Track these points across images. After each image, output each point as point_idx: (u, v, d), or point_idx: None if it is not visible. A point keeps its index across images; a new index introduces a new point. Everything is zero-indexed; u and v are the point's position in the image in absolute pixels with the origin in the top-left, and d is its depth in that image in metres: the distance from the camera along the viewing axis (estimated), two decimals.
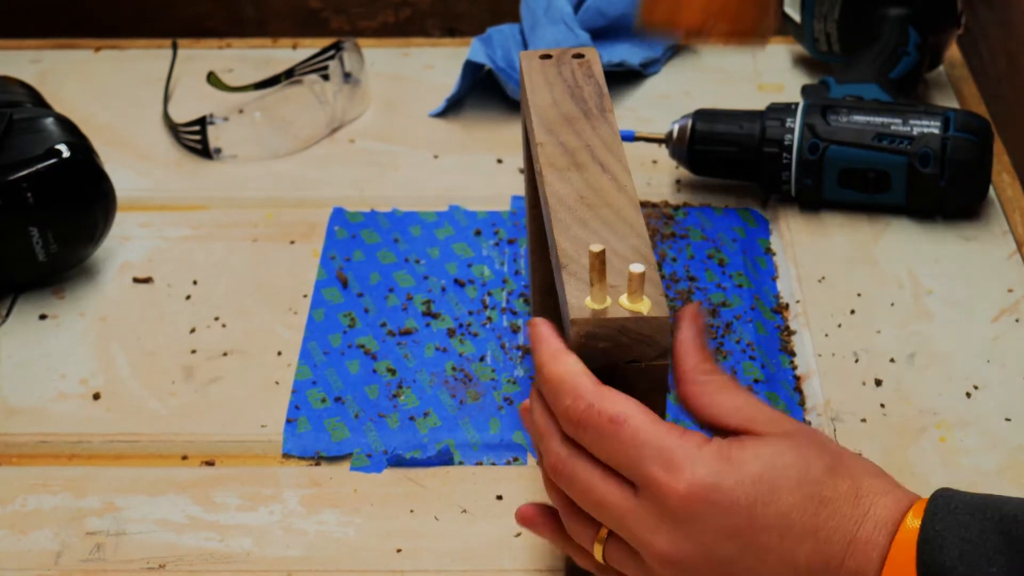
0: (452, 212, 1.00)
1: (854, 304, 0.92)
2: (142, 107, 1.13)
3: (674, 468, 0.60)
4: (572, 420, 0.63)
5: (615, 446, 0.62)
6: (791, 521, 0.60)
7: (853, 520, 0.60)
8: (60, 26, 1.32)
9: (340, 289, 0.94)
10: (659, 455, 0.61)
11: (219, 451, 0.83)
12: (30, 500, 0.80)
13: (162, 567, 0.75)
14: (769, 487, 0.60)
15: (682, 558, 0.61)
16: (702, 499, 0.60)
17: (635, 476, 0.61)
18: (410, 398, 0.85)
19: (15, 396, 0.86)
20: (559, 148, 0.72)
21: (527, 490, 0.79)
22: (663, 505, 0.60)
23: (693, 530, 0.60)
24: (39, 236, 0.90)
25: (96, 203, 0.92)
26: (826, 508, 0.60)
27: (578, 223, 0.67)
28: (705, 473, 0.60)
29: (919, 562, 0.58)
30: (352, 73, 1.09)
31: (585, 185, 0.69)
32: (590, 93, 0.76)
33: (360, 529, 0.78)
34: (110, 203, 0.93)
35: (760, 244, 0.97)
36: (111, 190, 0.93)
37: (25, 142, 0.90)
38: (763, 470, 0.60)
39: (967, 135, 0.96)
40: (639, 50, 1.14)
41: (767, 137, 0.99)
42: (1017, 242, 0.97)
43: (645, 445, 0.61)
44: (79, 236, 0.93)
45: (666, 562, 0.61)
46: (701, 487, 0.60)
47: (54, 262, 0.92)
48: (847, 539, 0.60)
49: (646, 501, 0.61)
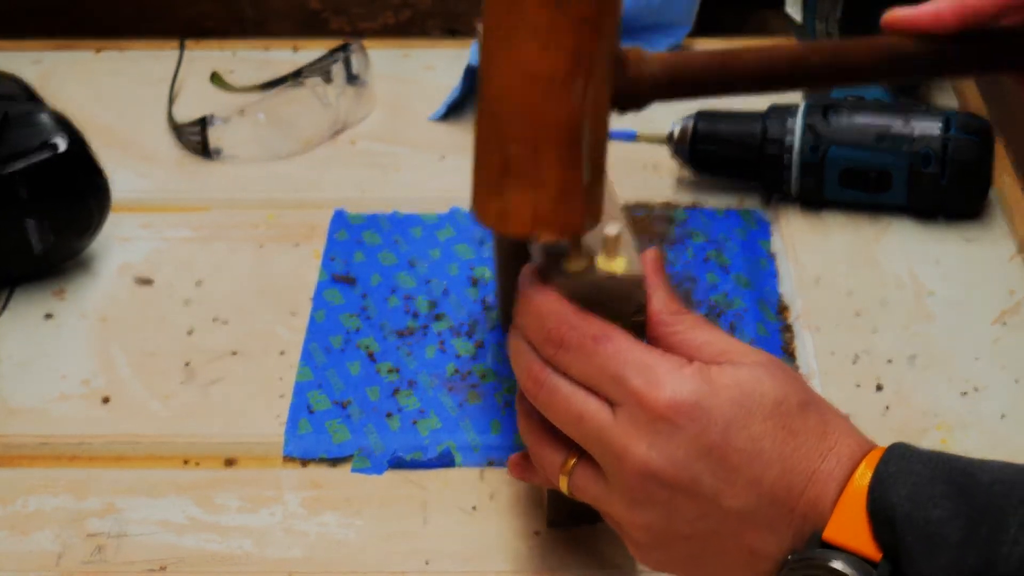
0: (453, 214, 1.00)
1: (855, 305, 0.92)
2: (143, 108, 1.13)
3: (656, 383, 0.62)
4: (553, 340, 0.64)
5: (597, 362, 0.63)
6: (762, 447, 0.62)
7: (818, 453, 0.62)
8: (61, 27, 1.32)
9: (341, 291, 0.93)
10: (641, 370, 0.62)
11: (220, 453, 0.82)
12: (31, 501, 0.80)
13: (163, 569, 0.75)
14: (745, 411, 0.62)
15: (654, 471, 0.62)
16: (682, 414, 0.62)
17: (616, 390, 0.63)
18: (411, 400, 0.85)
19: (16, 397, 0.86)
20: None
21: (528, 491, 0.79)
22: (643, 417, 0.62)
23: (669, 444, 0.62)
24: (35, 228, 0.91)
25: (91, 195, 0.93)
26: (795, 439, 0.62)
27: None
28: (686, 391, 0.62)
29: (869, 498, 0.60)
30: (359, 75, 1.09)
31: None
32: None
33: (361, 531, 0.78)
34: (105, 196, 0.94)
35: (761, 245, 0.97)
36: (106, 183, 0.94)
37: (20, 136, 0.91)
38: (741, 395, 0.62)
39: (968, 135, 0.96)
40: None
41: (768, 137, 0.99)
42: (1018, 244, 0.97)
43: (628, 361, 0.63)
44: (75, 229, 0.93)
45: (637, 474, 0.62)
46: (682, 403, 0.62)
47: (50, 254, 0.93)
48: (810, 470, 0.62)
49: (625, 414, 0.62)
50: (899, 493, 0.60)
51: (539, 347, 0.65)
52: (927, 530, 0.59)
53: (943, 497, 0.59)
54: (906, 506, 0.60)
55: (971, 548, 0.58)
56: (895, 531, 0.60)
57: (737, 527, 0.63)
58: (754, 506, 0.62)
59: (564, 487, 0.67)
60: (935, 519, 0.59)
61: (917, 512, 0.59)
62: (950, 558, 0.58)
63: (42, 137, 0.91)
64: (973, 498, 0.59)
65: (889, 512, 0.60)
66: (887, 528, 0.60)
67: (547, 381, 0.65)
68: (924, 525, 0.59)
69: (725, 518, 0.63)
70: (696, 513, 0.63)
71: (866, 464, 0.62)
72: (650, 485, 0.63)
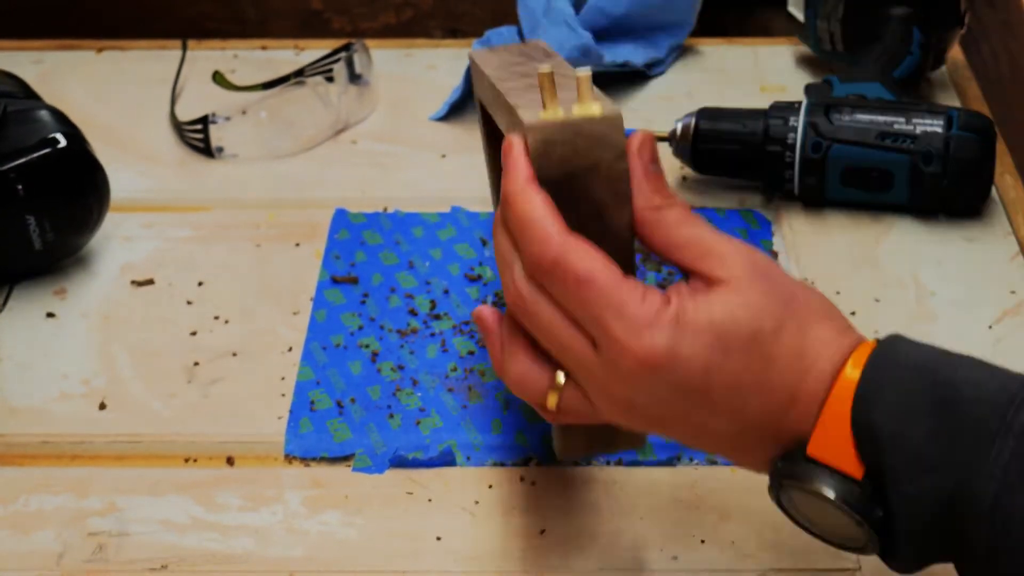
0: (454, 213, 1.00)
1: (856, 305, 0.92)
2: (144, 108, 1.13)
3: (635, 332, 0.62)
4: (538, 267, 0.64)
5: (578, 303, 0.64)
6: (741, 380, 0.63)
7: (797, 374, 0.63)
8: (62, 26, 1.32)
9: (343, 290, 0.93)
10: (620, 318, 0.63)
11: (221, 452, 0.82)
12: (32, 500, 0.80)
13: (164, 567, 0.75)
14: (722, 350, 0.63)
15: (638, 407, 0.64)
16: (658, 364, 0.62)
17: (597, 333, 0.63)
18: (412, 399, 0.85)
19: (17, 396, 0.86)
20: (511, 74, 0.75)
21: (529, 491, 0.79)
22: (623, 363, 0.63)
23: (651, 387, 0.63)
24: (36, 225, 0.91)
25: (91, 192, 0.93)
26: (773, 365, 0.63)
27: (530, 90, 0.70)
28: (662, 340, 0.62)
29: (852, 417, 0.61)
30: (362, 75, 1.09)
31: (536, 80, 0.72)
32: (534, 50, 0.80)
33: (362, 530, 0.78)
34: (104, 192, 0.94)
35: (763, 245, 0.97)
36: (105, 179, 0.94)
37: (19, 132, 0.91)
38: (716, 336, 0.63)
39: (970, 133, 0.96)
40: (643, 50, 1.14)
41: (770, 135, 0.99)
42: (1020, 244, 0.97)
43: (608, 307, 0.63)
44: (75, 225, 0.93)
45: (623, 410, 0.64)
46: (659, 353, 0.62)
47: (50, 251, 0.93)
48: (790, 393, 0.63)
49: (606, 357, 0.63)
50: (882, 411, 0.61)
51: (526, 267, 0.65)
52: (910, 450, 0.60)
53: (926, 415, 0.60)
54: (889, 425, 0.60)
55: (952, 469, 0.59)
56: (878, 450, 0.61)
57: (728, 445, 0.65)
58: (739, 431, 0.64)
59: (552, 403, 0.67)
60: (917, 438, 0.60)
61: (901, 430, 0.60)
62: (933, 479, 0.60)
63: (41, 133, 0.91)
64: (955, 415, 0.60)
65: (872, 431, 0.61)
66: (870, 447, 0.61)
67: (528, 307, 0.65)
68: (907, 445, 0.60)
69: (713, 439, 0.65)
70: (684, 435, 0.65)
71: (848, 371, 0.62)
72: (636, 416, 0.65)
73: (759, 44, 1.20)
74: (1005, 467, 0.58)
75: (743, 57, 1.18)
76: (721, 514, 0.77)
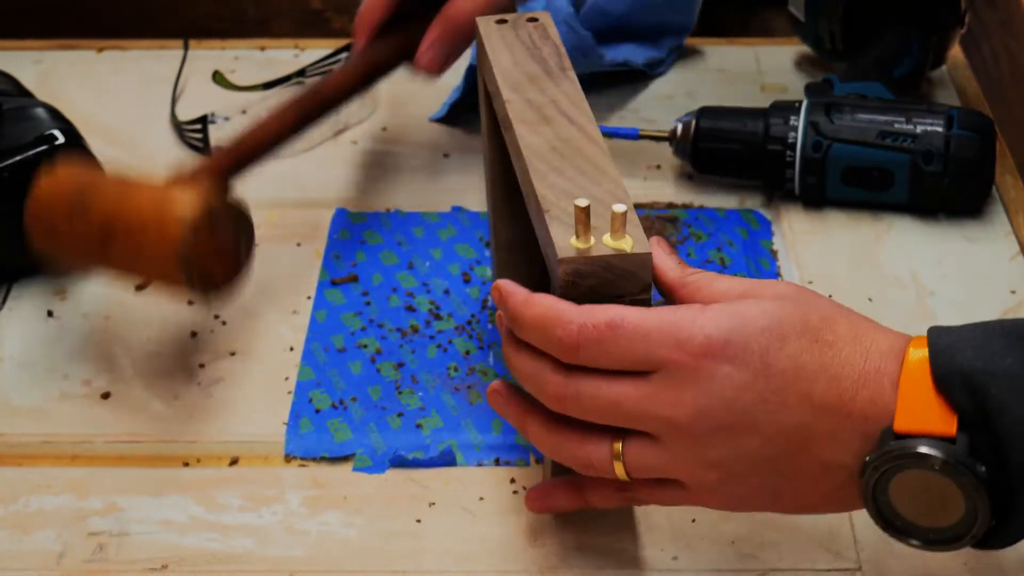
0: (455, 213, 1.00)
1: (856, 305, 0.91)
2: (145, 108, 1.12)
3: (683, 340, 0.63)
4: (568, 346, 0.64)
5: (621, 345, 0.64)
6: (802, 362, 0.63)
7: (859, 355, 0.64)
8: (62, 26, 1.32)
9: (343, 290, 0.93)
10: (666, 335, 0.63)
11: (222, 452, 0.82)
12: (32, 500, 0.80)
13: (164, 567, 0.75)
14: (777, 335, 0.63)
15: (707, 415, 0.63)
16: (717, 354, 0.63)
17: (648, 363, 0.64)
18: (413, 399, 0.85)
19: (17, 396, 0.86)
20: (526, 104, 0.75)
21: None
22: (681, 372, 0.63)
23: (712, 385, 0.63)
24: None
25: None
26: (831, 348, 0.64)
27: (554, 172, 0.70)
28: (714, 329, 0.63)
29: (934, 372, 0.61)
30: None
31: (555, 136, 0.72)
32: (549, 53, 0.79)
33: (362, 530, 0.78)
34: None
35: (763, 245, 0.97)
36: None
37: (17, 130, 0.91)
38: (769, 322, 0.63)
39: (970, 133, 0.96)
40: (643, 50, 1.14)
41: (771, 135, 0.99)
42: (1020, 244, 0.97)
43: (649, 333, 0.63)
44: None
45: (692, 426, 0.64)
46: (715, 344, 0.63)
47: None
48: (856, 372, 0.63)
49: (663, 377, 0.63)
50: (965, 356, 0.61)
51: (559, 356, 0.65)
52: (1009, 379, 0.60)
53: (1007, 350, 0.61)
54: (978, 364, 0.61)
55: None
56: (973, 390, 0.61)
57: (801, 444, 0.64)
58: (810, 420, 0.63)
59: (621, 473, 0.67)
60: (1011, 368, 0.60)
61: (991, 366, 0.61)
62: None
63: (38, 130, 0.91)
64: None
65: (962, 376, 0.61)
66: (964, 392, 0.61)
67: (570, 390, 0.65)
68: (1003, 375, 0.60)
69: (787, 439, 0.64)
70: (759, 442, 0.64)
71: (913, 348, 0.63)
72: (707, 432, 0.64)
73: (759, 44, 1.20)
74: None
75: (743, 57, 1.18)
76: (721, 514, 0.77)
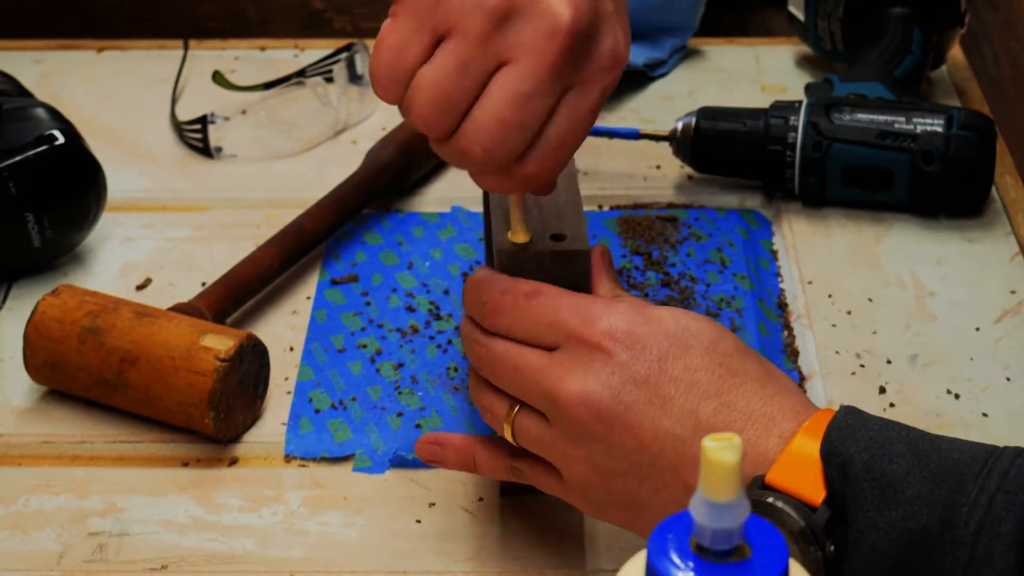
0: (455, 213, 1.00)
1: (856, 305, 0.92)
2: (145, 108, 1.13)
3: (591, 318, 0.64)
4: (490, 310, 0.67)
5: (533, 315, 0.65)
6: (698, 378, 0.63)
7: (760, 397, 0.63)
8: (62, 26, 1.32)
9: (343, 290, 0.93)
10: (576, 311, 0.64)
11: (222, 452, 0.82)
12: (32, 501, 0.80)
13: (164, 568, 0.75)
14: (681, 344, 0.63)
15: (590, 400, 0.63)
16: (617, 341, 0.63)
17: (554, 335, 0.65)
18: (413, 399, 0.85)
19: (18, 396, 0.86)
20: None
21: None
22: (579, 350, 0.64)
23: (604, 370, 0.63)
24: (34, 222, 0.92)
25: (89, 188, 0.94)
26: (733, 378, 0.63)
27: None
28: (621, 320, 0.64)
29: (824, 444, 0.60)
30: (363, 75, 1.09)
31: None
32: None
33: (362, 530, 0.78)
34: (102, 188, 0.94)
35: (763, 245, 0.97)
36: (102, 176, 0.94)
37: (16, 130, 0.91)
38: (676, 329, 0.64)
39: (970, 133, 0.96)
40: (644, 51, 1.14)
41: (771, 135, 0.99)
42: (1020, 244, 0.97)
43: (562, 306, 0.65)
44: (73, 221, 0.94)
45: (575, 406, 0.64)
46: (617, 331, 0.63)
47: (49, 248, 0.93)
48: (750, 409, 0.63)
49: (563, 354, 0.64)
50: (857, 443, 0.60)
51: (480, 320, 0.67)
52: (884, 481, 0.59)
53: (901, 456, 0.59)
54: (864, 455, 0.60)
55: (926, 506, 0.58)
56: (848, 478, 0.59)
57: (672, 461, 0.63)
58: (689, 436, 0.62)
59: (508, 435, 0.68)
60: (892, 472, 0.59)
61: (875, 463, 0.59)
62: (904, 512, 0.58)
63: (38, 130, 0.91)
64: (932, 461, 0.59)
65: (845, 459, 0.60)
66: (840, 474, 0.60)
67: (485, 350, 0.67)
68: (881, 476, 0.59)
69: (661, 449, 0.63)
70: (633, 444, 0.63)
71: (817, 417, 0.62)
72: (588, 417, 0.64)
73: (760, 44, 1.20)
74: (991, 498, 0.57)
75: (744, 57, 1.18)
76: None
